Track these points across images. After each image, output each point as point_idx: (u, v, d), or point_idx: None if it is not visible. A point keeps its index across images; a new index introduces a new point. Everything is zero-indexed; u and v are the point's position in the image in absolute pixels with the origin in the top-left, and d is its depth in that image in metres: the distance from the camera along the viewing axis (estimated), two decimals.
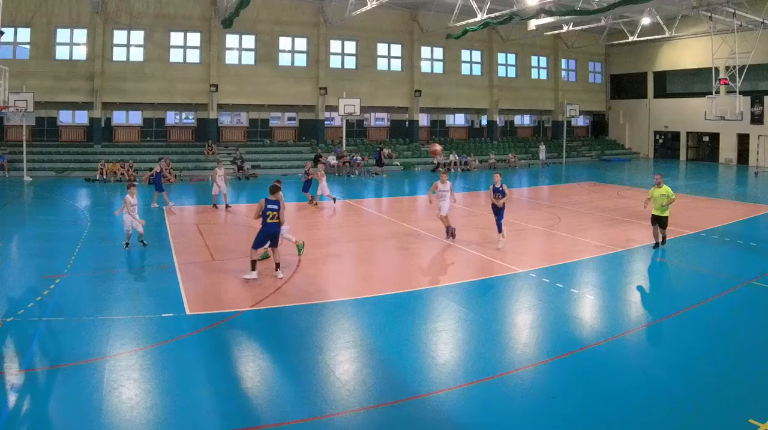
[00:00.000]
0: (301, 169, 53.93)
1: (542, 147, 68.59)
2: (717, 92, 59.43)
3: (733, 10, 53.46)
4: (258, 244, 20.02)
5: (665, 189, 24.62)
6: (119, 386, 11.99)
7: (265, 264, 21.40)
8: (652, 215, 25.01)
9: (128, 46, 57.66)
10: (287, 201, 31.61)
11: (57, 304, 16.81)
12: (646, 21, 61.67)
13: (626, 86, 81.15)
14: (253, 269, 19.95)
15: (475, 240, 26.64)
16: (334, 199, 37.67)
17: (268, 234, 19.86)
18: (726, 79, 58.69)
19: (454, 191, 26.94)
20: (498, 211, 25.29)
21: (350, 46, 66.13)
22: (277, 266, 20.15)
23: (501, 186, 25.18)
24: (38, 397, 11.59)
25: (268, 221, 19.68)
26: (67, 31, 55.67)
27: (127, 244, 23.77)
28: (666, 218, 24.85)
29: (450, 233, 26.51)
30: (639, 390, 12.16)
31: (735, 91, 56.86)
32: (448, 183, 26.42)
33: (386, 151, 63.20)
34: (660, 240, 25.19)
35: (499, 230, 25.26)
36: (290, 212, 30.85)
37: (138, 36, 57.77)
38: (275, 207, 19.75)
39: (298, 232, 26.59)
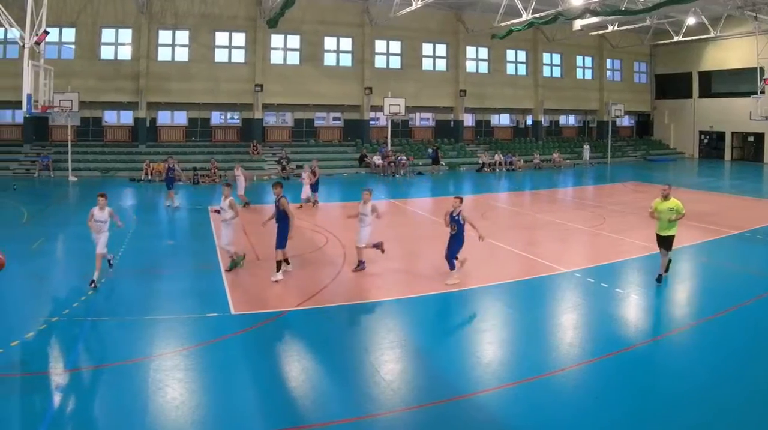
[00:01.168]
0: (346, 169, 54.19)
1: (586, 147, 66.38)
2: (762, 92, 56.76)
3: None
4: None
5: (673, 202, 19.14)
6: (164, 386, 11.79)
7: (307, 264, 21.19)
8: (657, 235, 19.58)
9: (173, 46, 56.03)
10: (324, 201, 34.69)
11: (102, 304, 16.44)
12: (690, 21, 58.64)
13: (671, 86, 77.30)
14: (278, 269, 19.49)
15: (519, 240, 26.05)
16: (312, 203, 35.50)
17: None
18: None
19: (378, 212, 20.94)
20: (451, 242, 19.51)
21: (395, 46, 63.62)
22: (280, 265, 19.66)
23: (458, 214, 19.40)
24: (83, 397, 11.43)
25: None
26: (112, 31, 54.15)
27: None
28: (672, 238, 19.30)
29: (361, 263, 20.75)
30: (683, 391, 11.95)
31: None
32: (371, 204, 20.56)
33: (430, 150, 60.90)
34: (663, 271, 19.52)
35: (451, 267, 19.64)
36: (330, 213, 32.29)
37: (183, 36, 56.05)
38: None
39: (341, 231, 26.73)
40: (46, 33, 34.04)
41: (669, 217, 18.85)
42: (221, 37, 57.04)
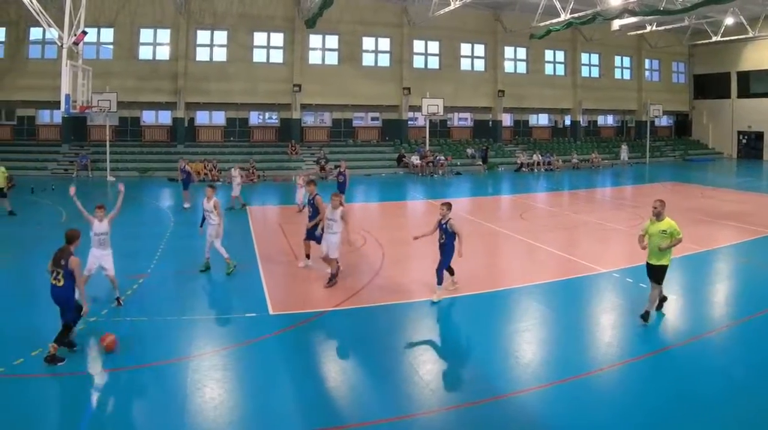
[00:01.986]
0: (384, 170, 54.56)
1: (624, 147, 63.71)
2: None
3: None
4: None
5: (667, 223, 15.18)
6: (203, 385, 11.65)
7: (346, 264, 20.21)
8: (646, 263, 15.74)
9: (211, 46, 54.74)
10: (361, 202, 33.85)
11: (140, 304, 16.09)
12: (729, 21, 56.11)
13: (709, 86, 74.19)
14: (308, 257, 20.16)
15: (557, 240, 25.46)
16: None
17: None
18: None
19: (349, 219, 18.92)
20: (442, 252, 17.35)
21: (433, 46, 61.44)
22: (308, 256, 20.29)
23: (446, 223, 17.19)
24: (121, 397, 11.30)
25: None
26: (151, 31, 53.01)
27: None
28: (664, 268, 15.30)
29: (332, 278, 18.57)
30: (722, 391, 11.69)
31: None
32: (341, 209, 18.34)
33: (469, 150, 59.99)
34: (652, 308, 15.49)
35: (450, 273, 17.86)
36: (368, 214, 32.34)
37: (221, 36, 54.71)
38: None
39: (380, 231, 26.74)
40: (85, 33, 33.54)
41: (660, 243, 15.06)
42: (259, 38, 55.67)
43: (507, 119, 66.60)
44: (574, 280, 19.49)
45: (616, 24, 60.80)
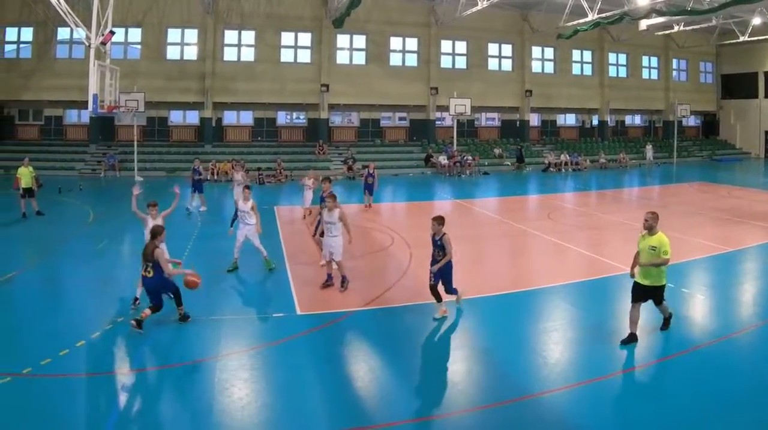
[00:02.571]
0: (411, 170, 53.06)
1: (649, 147, 62.22)
2: None
3: None
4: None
5: (657, 239, 13.19)
6: (230, 385, 11.41)
7: (374, 264, 20.74)
8: (634, 283, 13.70)
9: (239, 46, 53.67)
10: (389, 202, 33.13)
11: (168, 304, 14.72)
12: (756, 21, 54.02)
13: (737, 86, 72.03)
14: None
15: (585, 240, 25.14)
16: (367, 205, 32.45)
17: None
18: None
19: (347, 220, 17.55)
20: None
21: (461, 46, 59.80)
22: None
23: (440, 239, 15.49)
24: (149, 397, 11.16)
25: None
26: (178, 31, 52.24)
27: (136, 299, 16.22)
28: (657, 290, 13.41)
29: (344, 281, 17.50)
30: (751, 391, 11.28)
31: None
32: (338, 210, 17.05)
33: (497, 150, 58.64)
34: (634, 330, 13.52)
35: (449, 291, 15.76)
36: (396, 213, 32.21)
37: (249, 36, 53.65)
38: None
39: (407, 231, 26.43)
40: (112, 33, 34.04)
41: (649, 258, 13.16)
42: (287, 37, 54.55)
43: (534, 119, 65.06)
44: (601, 280, 19.11)
45: (644, 24, 58.79)
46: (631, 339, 13.36)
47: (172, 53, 52.23)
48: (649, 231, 13.40)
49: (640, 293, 13.48)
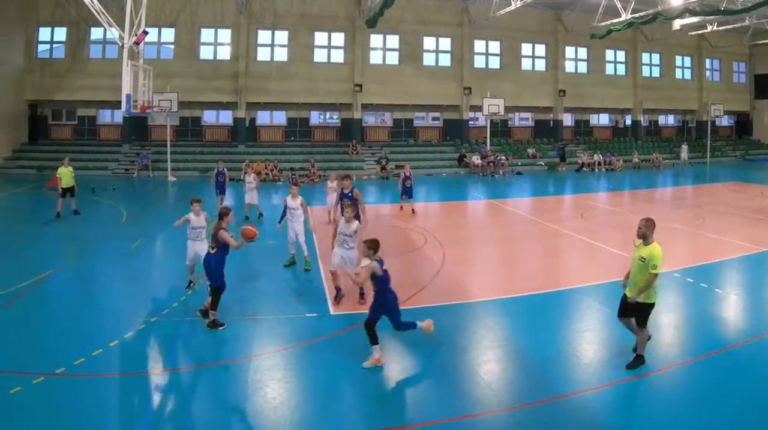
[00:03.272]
0: (445, 169, 51.62)
1: (684, 147, 59.83)
2: None
3: None
4: None
5: (649, 250, 11.74)
6: (263, 386, 11.14)
7: (407, 264, 20.22)
8: (623, 294, 12.14)
9: (272, 46, 52.19)
10: (422, 202, 32.11)
11: (200, 304, 14.69)
12: None
13: None
14: None
15: (618, 240, 23.62)
16: (412, 210, 30.49)
17: None
18: None
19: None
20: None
21: (494, 46, 57.68)
22: None
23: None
24: (182, 397, 10.86)
25: None
26: (211, 31, 50.86)
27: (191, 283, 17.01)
28: (642, 307, 11.69)
29: (339, 293, 16.08)
30: None
31: None
32: (356, 223, 15.75)
33: (530, 150, 56.51)
34: (643, 350, 11.94)
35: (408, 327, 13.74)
36: (429, 213, 31.43)
37: (282, 36, 52.15)
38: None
39: (441, 231, 25.80)
40: (146, 33, 33.24)
41: (635, 272, 11.77)
42: (320, 37, 52.98)
43: (568, 119, 62.99)
44: None
45: (677, 24, 57.39)
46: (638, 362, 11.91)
47: (206, 53, 50.99)
48: (643, 240, 11.87)
49: (626, 308, 12.00)
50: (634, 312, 11.78)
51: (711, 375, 11.72)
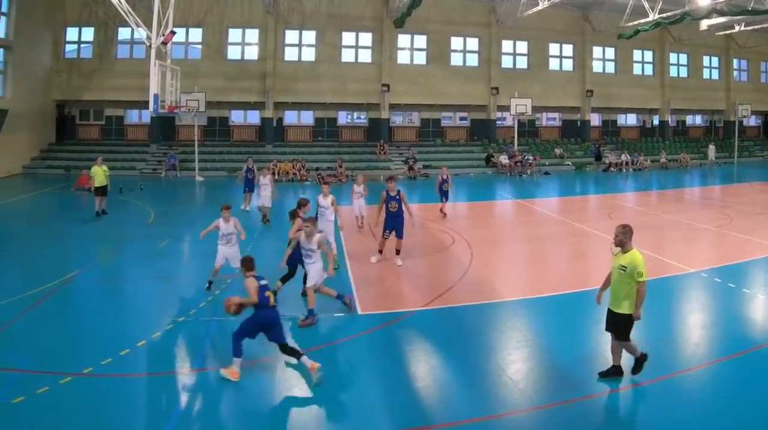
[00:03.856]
0: (472, 169, 50.40)
1: (711, 147, 58.20)
2: None
3: None
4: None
5: (629, 258, 10.52)
6: (291, 385, 10.98)
7: (434, 264, 20.07)
8: (608, 309, 11.05)
9: (300, 46, 50.93)
10: (450, 201, 30.06)
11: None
12: None
13: None
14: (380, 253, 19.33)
15: (645, 240, 21.81)
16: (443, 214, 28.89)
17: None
18: None
19: (326, 248, 15.29)
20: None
21: (522, 46, 55.94)
22: (398, 251, 19.14)
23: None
24: (209, 397, 10.56)
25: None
26: (239, 31, 49.75)
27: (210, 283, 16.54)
28: (623, 318, 10.65)
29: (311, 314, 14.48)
30: None
31: None
32: (317, 236, 14.68)
33: (558, 150, 54.81)
34: (615, 362, 11.05)
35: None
36: (457, 213, 30.42)
37: (309, 36, 50.92)
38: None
39: (468, 231, 25.36)
40: (173, 33, 32.76)
41: (618, 283, 10.68)
42: (348, 37, 51.62)
43: (595, 119, 61.25)
44: (662, 280, 17.64)
45: (705, 24, 55.36)
46: (610, 373, 11.02)
47: (233, 53, 49.91)
48: (621, 248, 10.72)
49: (609, 322, 11.06)
50: (615, 325, 10.78)
51: (739, 375, 11.39)
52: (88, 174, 29.13)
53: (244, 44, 49.90)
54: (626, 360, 11.24)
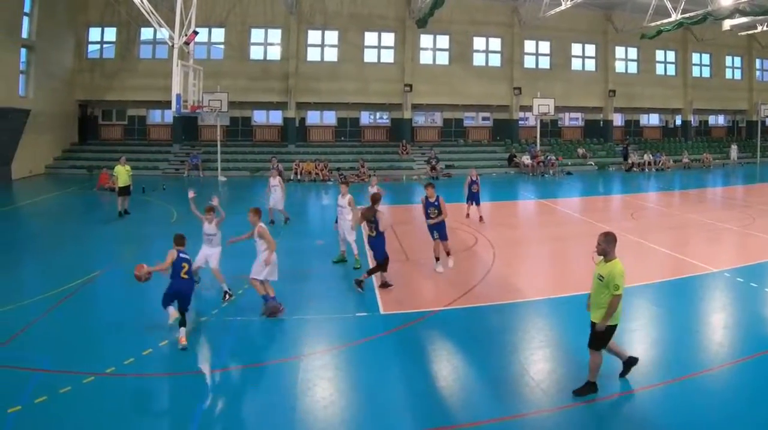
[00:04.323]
0: (495, 169, 48.81)
1: (734, 147, 57.01)
2: None
3: None
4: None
5: (609, 268, 10.05)
6: (313, 385, 10.69)
7: (457, 264, 18.80)
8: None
9: (322, 46, 49.81)
10: (482, 201, 28.86)
11: (251, 303, 14.51)
12: None
13: None
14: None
15: (668, 240, 23.32)
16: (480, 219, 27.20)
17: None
18: None
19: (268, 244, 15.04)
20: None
21: (544, 46, 54.53)
22: (448, 253, 18.45)
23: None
24: (232, 396, 10.47)
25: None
26: (262, 31, 48.78)
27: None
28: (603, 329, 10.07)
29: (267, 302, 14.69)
30: None
31: None
32: (258, 229, 14.92)
33: (581, 150, 53.48)
34: (595, 378, 10.28)
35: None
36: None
37: (332, 36, 49.84)
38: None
39: (491, 231, 24.80)
40: (196, 33, 32.10)
41: (594, 291, 10.34)
42: (370, 37, 50.51)
43: (618, 119, 59.87)
44: (684, 279, 17.84)
45: (727, 24, 54.16)
46: (587, 390, 10.24)
47: (256, 53, 48.97)
48: (604, 257, 10.25)
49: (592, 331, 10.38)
50: (592, 330, 10.20)
51: (762, 375, 11.13)
52: (109, 173, 28.86)
53: (266, 44, 48.98)
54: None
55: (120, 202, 26.86)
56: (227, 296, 15.24)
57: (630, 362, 10.67)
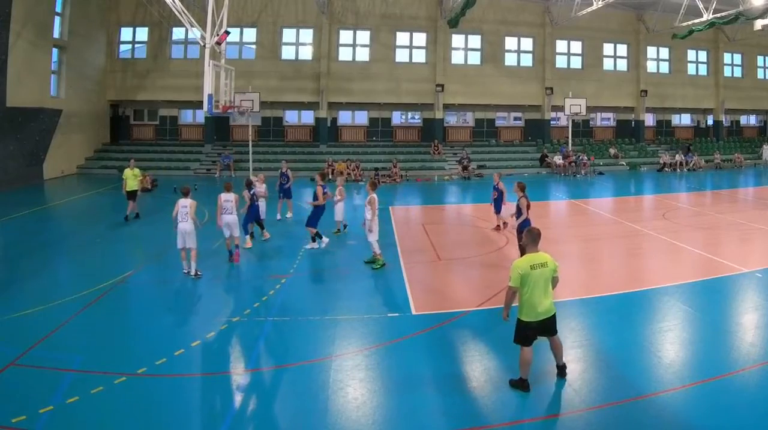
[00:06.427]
0: (527, 170, 46.83)
1: (765, 147, 53.91)
2: None
3: None
4: None
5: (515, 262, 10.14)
6: (345, 386, 10.33)
7: (488, 264, 18.83)
8: None
9: (354, 46, 47.87)
10: (509, 201, 25.85)
11: (283, 304, 14.45)
12: None
13: None
14: None
15: (700, 240, 22.48)
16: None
17: None
18: None
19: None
20: None
21: (576, 46, 51.96)
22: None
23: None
24: (263, 397, 10.13)
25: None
26: (293, 31, 46.96)
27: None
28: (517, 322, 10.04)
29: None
30: None
31: None
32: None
33: (612, 150, 50.94)
34: (522, 375, 10.17)
35: None
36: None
37: (364, 36, 47.97)
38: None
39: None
40: (227, 33, 31.40)
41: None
42: (402, 37, 48.45)
43: (650, 119, 57.10)
44: (716, 280, 17.02)
45: (759, 24, 50.09)
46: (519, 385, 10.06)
47: (287, 53, 47.03)
48: (524, 252, 10.43)
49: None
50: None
51: None
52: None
53: (298, 44, 47.13)
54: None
55: (130, 206, 25.58)
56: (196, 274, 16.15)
57: (561, 369, 10.51)
